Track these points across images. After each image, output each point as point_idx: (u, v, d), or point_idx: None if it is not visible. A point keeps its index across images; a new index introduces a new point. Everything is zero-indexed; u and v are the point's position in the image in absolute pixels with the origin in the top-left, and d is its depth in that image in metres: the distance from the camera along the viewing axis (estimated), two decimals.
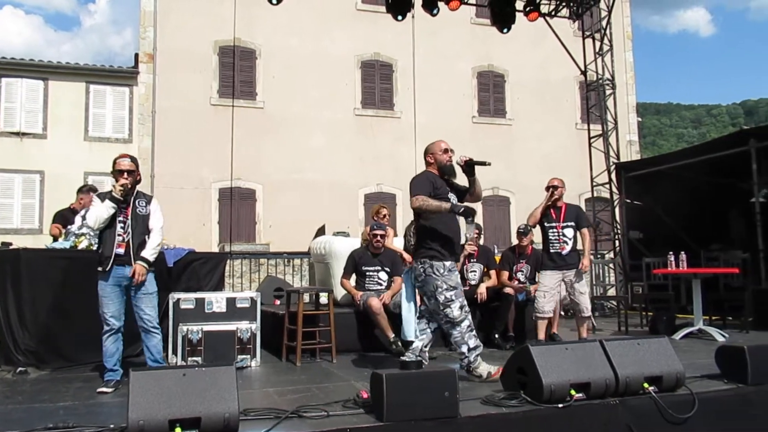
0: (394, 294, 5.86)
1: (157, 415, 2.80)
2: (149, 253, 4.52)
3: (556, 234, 5.98)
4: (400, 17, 9.33)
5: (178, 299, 5.23)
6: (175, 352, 5.12)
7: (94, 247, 5.73)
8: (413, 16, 9.74)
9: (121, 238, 4.45)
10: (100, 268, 4.43)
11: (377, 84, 17.13)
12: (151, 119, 15.37)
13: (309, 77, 16.25)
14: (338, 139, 16.38)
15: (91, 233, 5.79)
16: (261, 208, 15.76)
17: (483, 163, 4.43)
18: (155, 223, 4.62)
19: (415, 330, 4.66)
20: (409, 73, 16.87)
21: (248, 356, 5.25)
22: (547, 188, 6.06)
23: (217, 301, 5.31)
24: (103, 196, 4.51)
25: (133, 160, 4.61)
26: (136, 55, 15.83)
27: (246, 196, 15.64)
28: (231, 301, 5.36)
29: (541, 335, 5.96)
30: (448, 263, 4.32)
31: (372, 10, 16.28)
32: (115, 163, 4.52)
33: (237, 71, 15.71)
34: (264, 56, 16.20)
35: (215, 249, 14.57)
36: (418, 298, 4.89)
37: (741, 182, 9.18)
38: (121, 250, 4.43)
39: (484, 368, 4.33)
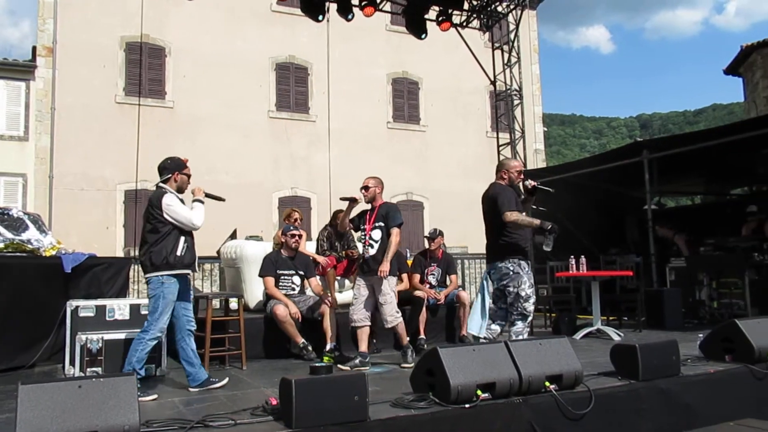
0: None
1: (49, 431, 2.63)
2: None
3: (364, 237, 5.47)
4: (320, 17, 9.24)
5: (77, 307, 4.98)
6: (72, 363, 4.85)
7: None
8: (328, 21, 9.73)
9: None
10: (187, 271, 4.45)
11: (292, 87, 16.98)
12: (51, 116, 14.48)
13: (222, 78, 15.86)
14: (252, 142, 16.09)
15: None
16: None
17: (547, 191, 5.11)
18: None
19: (479, 326, 5.27)
20: (324, 77, 16.84)
21: (153, 365, 5.06)
22: (361, 189, 5.56)
23: (119, 308, 5.10)
24: (171, 194, 4.44)
25: None
26: (34, 48, 14.88)
27: None
28: (135, 308, 5.16)
29: (362, 347, 5.40)
30: (527, 263, 4.96)
31: (287, 12, 16.13)
32: (185, 166, 4.64)
33: (145, 69, 15.11)
34: (174, 54, 15.67)
35: (120, 254, 13.93)
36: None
37: (635, 191, 9.77)
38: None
39: None
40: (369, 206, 5.54)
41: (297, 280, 6.13)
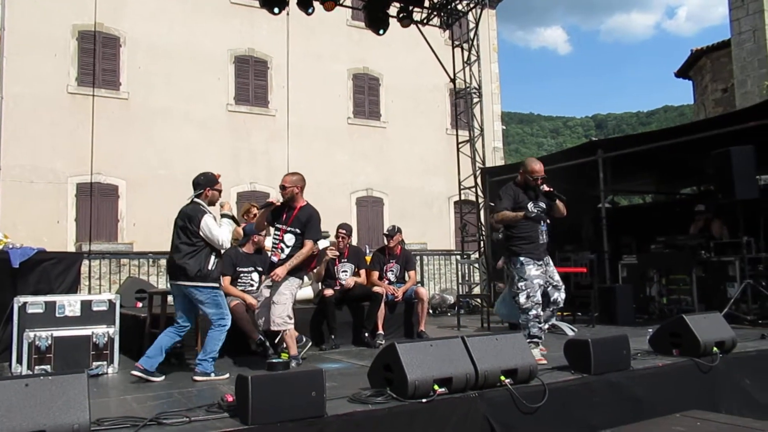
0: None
1: None
2: None
3: (277, 239, 5.18)
4: (276, 9, 9.16)
5: (24, 303, 4.82)
6: (19, 361, 4.70)
7: None
8: (288, 14, 9.64)
9: None
10: (215, 284, 4.77)
11: (251, 80, 16.77)
12: None
13: (179, 69, 15.55)
14: (209, 135, 15.82)
15: None
16: (124, 206, 14.85)
17: (560, 197, 5.29)
18: None
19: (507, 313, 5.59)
20: (284, 71, 16.67)
21: (105, 362, 4.95)
22: (279, 187, 5.34)
23: (70, 304, 4.95)
24: (210, 216, 4.78)
25: None
26: None
27: (107, 193, 14.67)
28: (86, 304, 5.02)
29: (291, 350, 5.11)
30: (522, 258, 5.14)
31: (246, 4, 15.91)
32: (217, 182, 4.99)
33: (98, 59, 14.69)
34: (129, 44, 15.28)
35: (72, 248, 13.54)
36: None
37: (590, 189, 9.99)
38: None
39: (533, 353, 4.50)
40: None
41: (256, 276, 6.07)
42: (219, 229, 4.75)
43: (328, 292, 6.41)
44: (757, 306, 7.35)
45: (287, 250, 5.06)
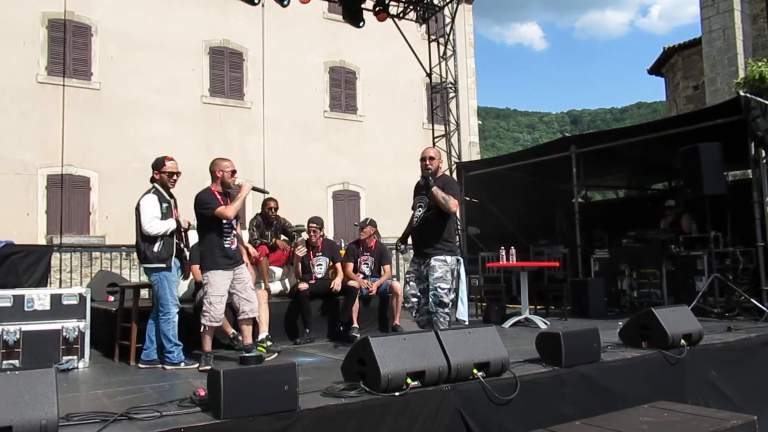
0: None
1: None
2: None
3: (229, 226, 5.08)
4: (256, 0, 9.07)
5: None
6: None
7: None
8: (263, 6, 9.55)
9: None
10: (162, 265, 4.82)
11: (227, 72, 16.59)
12: None
13: (152, 60, 15.31)
14: (184, 127, 15.62)
15: None
16: (96, 198, 14.61)
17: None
18: None
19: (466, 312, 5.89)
20: (260, 63, 16.54)
21: (75, 357, 4.89)
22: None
23: (39, 298, 4.88)
24: (150, 196, 4.97)
25: None
26: None
27: (79, 185, 14.41)
28: (56, 298, 4.95)
29: (207, 347, 4.90)
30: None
31: None
32: (164, 164, 5.11)
33: (69, 48, 14.40)
34: (101, 34, 15.00)
35: (42, 241, 13.30)
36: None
37: (564, 184, 10.10)
38: None
39: None
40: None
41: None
42: (149, 214, 4.85)
43: (303, 286, 6.40)
44: (723, 299, 7.50)
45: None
